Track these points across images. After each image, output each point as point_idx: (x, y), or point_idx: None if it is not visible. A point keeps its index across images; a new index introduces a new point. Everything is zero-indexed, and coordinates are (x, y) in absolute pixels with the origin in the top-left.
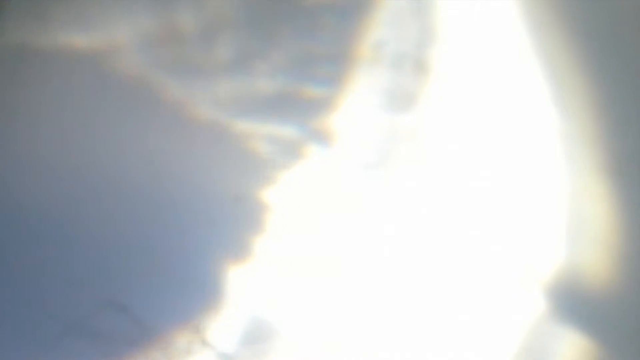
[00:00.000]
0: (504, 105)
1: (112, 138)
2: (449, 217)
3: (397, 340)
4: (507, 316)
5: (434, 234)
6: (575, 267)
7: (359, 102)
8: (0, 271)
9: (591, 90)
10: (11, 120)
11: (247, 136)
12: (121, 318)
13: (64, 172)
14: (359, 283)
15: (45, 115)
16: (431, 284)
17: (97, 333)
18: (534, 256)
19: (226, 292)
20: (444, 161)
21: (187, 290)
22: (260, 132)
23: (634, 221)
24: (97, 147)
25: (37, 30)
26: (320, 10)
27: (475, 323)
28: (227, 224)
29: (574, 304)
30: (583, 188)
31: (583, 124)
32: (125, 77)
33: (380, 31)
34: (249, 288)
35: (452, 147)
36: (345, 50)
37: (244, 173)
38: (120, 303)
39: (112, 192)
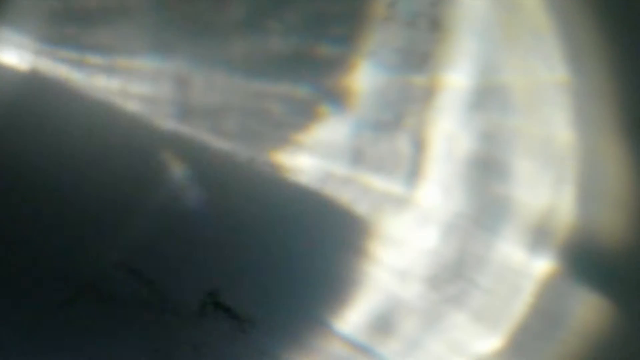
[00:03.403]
0: (517, 62)
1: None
2: (463, 172)
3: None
4: (520, 275)
5: (448, 192)
6: (590, 225)
7: (373, 61)
8: (8, 231)
9: (607, 47)
10: None
11: (260, 96)
12: (132, 280)
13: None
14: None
15: None
16: (442, 243)
17: (109, 296)
18: (547, 215)
19: (239, 252)
20: (457, 119)
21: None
22: (274, 92)
23: None
24: (117, 113)
25: None
26: None
27: (488, 282)
28: (239, 188)
29: (589, 262)
30: (597, 146)
31: (598, 81)
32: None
33: None
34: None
35: (465, 105)
36: (359, 9)
37: (257, 134)
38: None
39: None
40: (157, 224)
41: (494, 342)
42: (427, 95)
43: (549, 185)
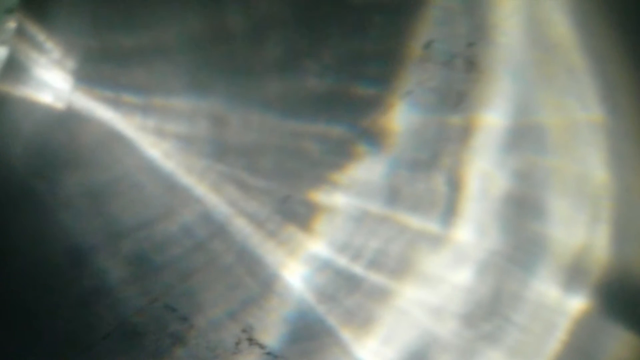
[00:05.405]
0: (552, 101)
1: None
2: (499, 211)
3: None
4: (555, 313)
5: (484, 230)
6: (625, 264)
7: (409, 101)
8: (41, 269)
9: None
10: None
11: (296, 135)
12: (167, 316)
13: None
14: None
15: None
16: (478, 278)
17: (141, 331)
18: (582, 253)
19: (274, 289)
20: (493, 158)
21: (234, 287)
22: (310, 132)
23: None
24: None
25: (85, 31)
26: (370, 8)
27: (523, 320)
28: (275, 222)
29: (623, 301)
30: (633, 186)
31: (633, 120)
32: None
33: (430, 29)
34: (298, 285)
35: (500, 145)
36: (395, 49)
37: (293, 172)
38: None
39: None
40: (191, 261)
41: None
42: (463, 134)
43: (584, 224)
